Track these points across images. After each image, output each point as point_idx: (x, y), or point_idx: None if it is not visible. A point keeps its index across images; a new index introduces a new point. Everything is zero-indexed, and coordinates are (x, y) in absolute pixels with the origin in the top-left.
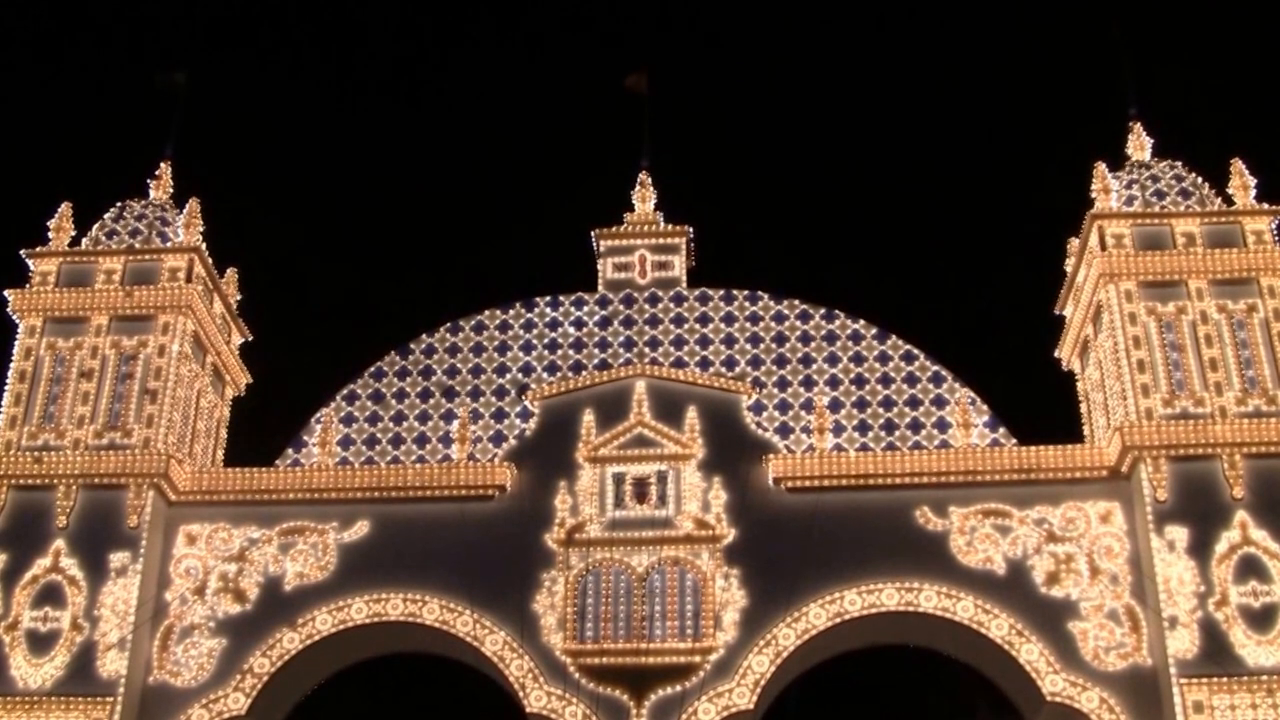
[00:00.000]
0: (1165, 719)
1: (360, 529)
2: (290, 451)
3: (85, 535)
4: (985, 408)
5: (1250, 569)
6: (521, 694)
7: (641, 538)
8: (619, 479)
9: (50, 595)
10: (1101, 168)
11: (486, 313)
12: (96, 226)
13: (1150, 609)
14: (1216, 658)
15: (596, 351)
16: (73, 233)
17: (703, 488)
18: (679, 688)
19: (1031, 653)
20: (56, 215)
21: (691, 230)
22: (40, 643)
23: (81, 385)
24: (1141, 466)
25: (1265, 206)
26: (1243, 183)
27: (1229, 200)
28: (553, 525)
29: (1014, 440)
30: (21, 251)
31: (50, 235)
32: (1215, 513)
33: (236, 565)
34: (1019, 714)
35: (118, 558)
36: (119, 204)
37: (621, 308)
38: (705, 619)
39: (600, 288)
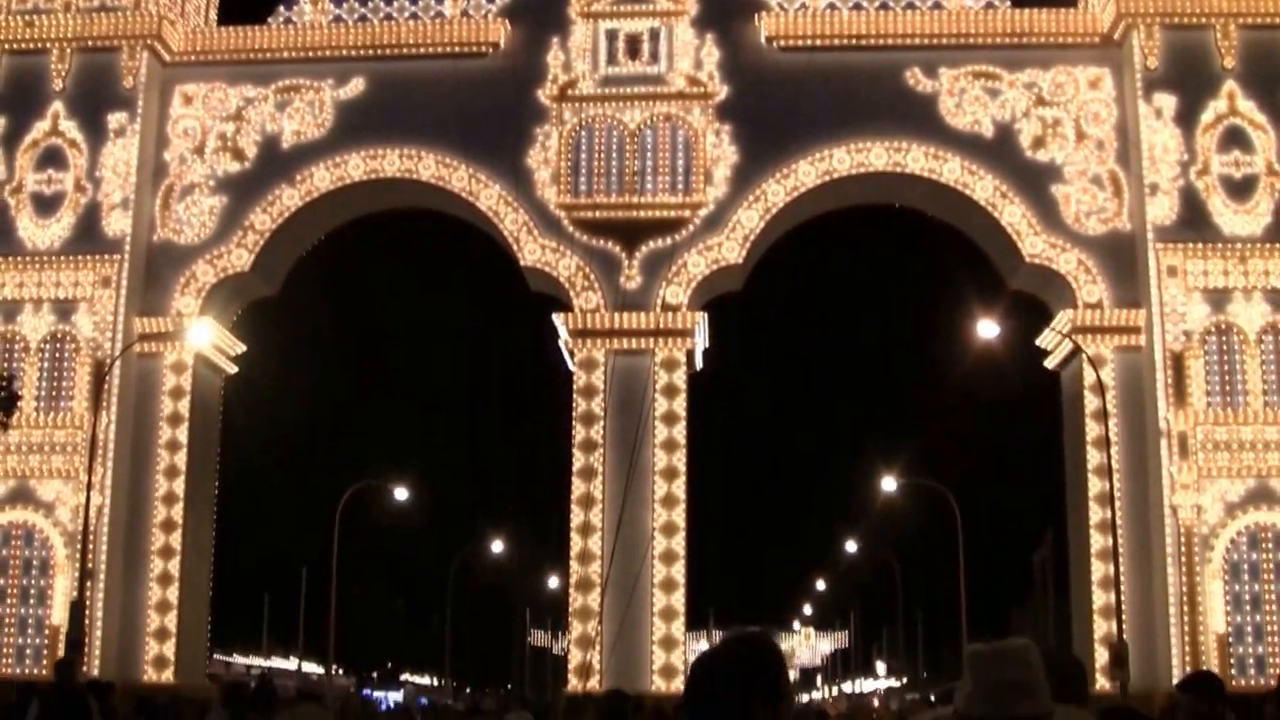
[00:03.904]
0: (1139, 282)
1: (356, 86)
2: (282, 10)
3: (82, 98)
4: None
5: (1234, 139)
6: (516, 247)
7: (634, 94)
8: (612, 35)
9: (52, 158)
10: None
11: None
12: None
13: (1133, 175)
14: (1193, 224)
15: None
16: None
17: (695, 45)
18: (669, 240)
19: (1014, 214)
20: None
21: None
22: (45, 205)
23: None
24: (1134, 33)
25: None
26: None
27: None
28: (546, 81)
29: (1007, 3)
30: None
31: None
32: (1204, 82)
33: (234, 124)
34: (998, 275)
35: (116, 119)
36: None
37: None
38: (696, 174)
39: None
